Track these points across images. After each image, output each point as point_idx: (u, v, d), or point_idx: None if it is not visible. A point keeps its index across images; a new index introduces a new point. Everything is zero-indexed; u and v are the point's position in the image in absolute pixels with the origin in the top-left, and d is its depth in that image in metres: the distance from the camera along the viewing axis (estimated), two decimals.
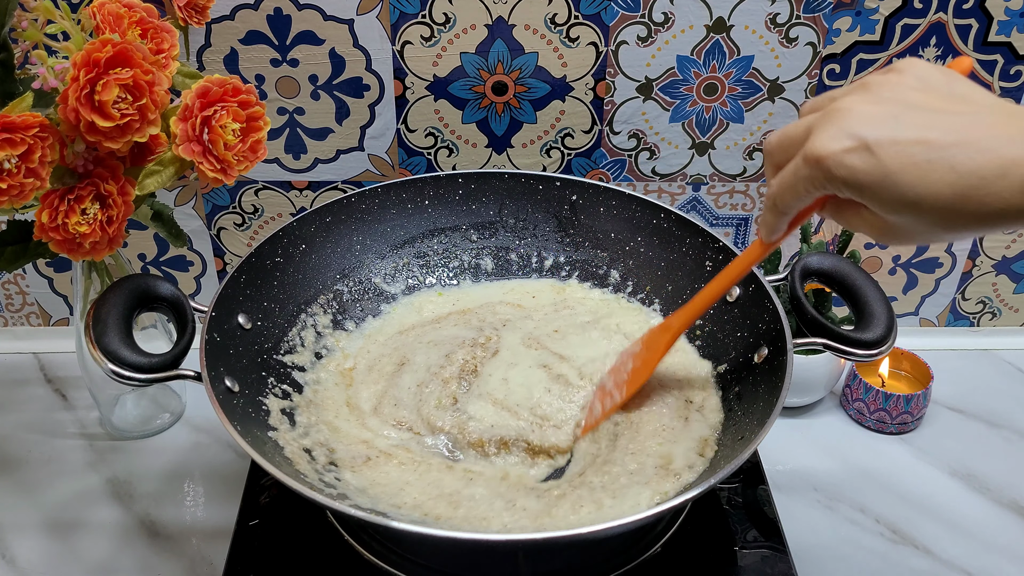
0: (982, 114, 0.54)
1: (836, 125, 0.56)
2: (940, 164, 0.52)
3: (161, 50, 0.80)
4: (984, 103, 0.55)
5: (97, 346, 0.77)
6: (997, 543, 0.95)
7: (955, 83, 0.57)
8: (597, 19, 1.01)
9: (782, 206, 0.62)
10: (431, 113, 1.07)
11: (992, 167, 0.51)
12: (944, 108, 0.55)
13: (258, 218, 1.14)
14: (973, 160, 0.52)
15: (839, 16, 1.01)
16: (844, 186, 0.56)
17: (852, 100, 0.57)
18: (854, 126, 0.55)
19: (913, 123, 0.54)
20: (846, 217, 0.62)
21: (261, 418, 0.83)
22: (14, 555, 0.93)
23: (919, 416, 1.07)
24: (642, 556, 0.85)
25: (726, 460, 0.75)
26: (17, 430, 1.08)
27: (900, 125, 0.54)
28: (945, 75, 0.57)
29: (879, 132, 0.54)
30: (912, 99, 0.56)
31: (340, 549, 0.86)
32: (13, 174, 0.72)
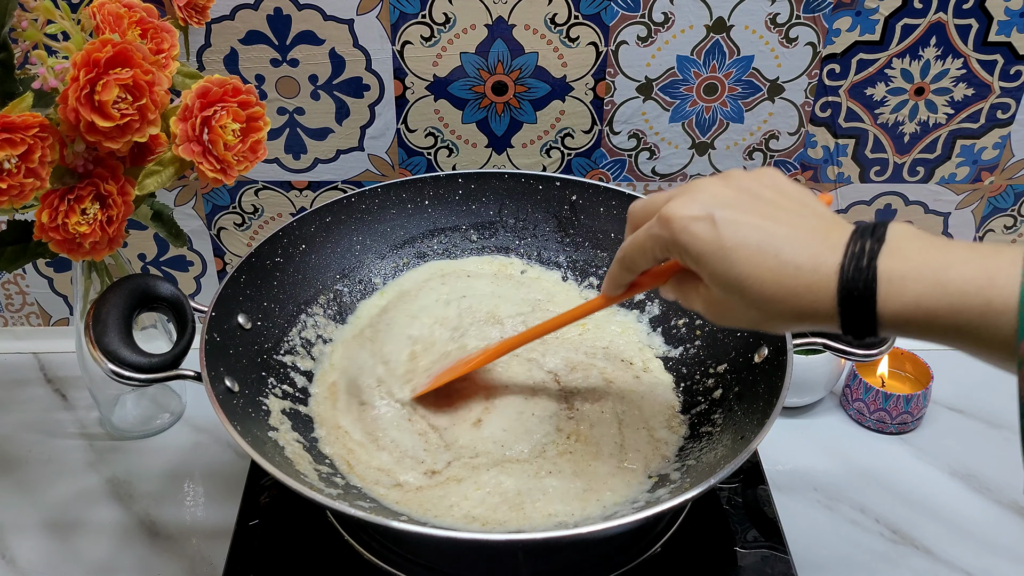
0: (814, 218, 0.59)
1: (691, 196, 0.61)
2: (768, 249, 0.57)
3: (161, 50, 0.80)
4: (821, 212, 0.60)
5: (97, 346, 0.77)
6: (997, 543, 0.95)
7: (805, 194, 0.62)
8: (597, 19, 1.01)
9: (628, 261, 0.67)
10: (431, 113, 1.07)
11: (809, 264, 0.56)
12: (787, 207, 0.60)
13: (258, 218, 1.14)
14: (795, 253, 0.56)
15: (839, 16, 1.01)
16: (684, 251, 0.60)
17: (711, 182, 0.62)
18: (707, 200, 0.60)
19: (756, 211, 0.59)
20: (684, 292, 0.67)
21: (261, 418, 0.83)
22: (14, 555, 0.93)
23: (919, 416, 1.07)
24: (642, 556, 0.85)
25: (726, 460, 0.75)
26: (17, 430, 1.08)
27: (744, 209, 0.59)
28: (799, 187, 0.62)
29: (725, 209, 0.59)
30: (763, 194, 0.61)
31: (340, 549, 0.86)
32: (13, 174, 0.72)
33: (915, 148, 1.09)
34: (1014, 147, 1.09)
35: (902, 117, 1.07)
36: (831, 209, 0.63)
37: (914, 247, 0.54)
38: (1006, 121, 1.08)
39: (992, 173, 1.11)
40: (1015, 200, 1.13)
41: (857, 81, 1.05)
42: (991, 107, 1.07)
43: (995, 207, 1.14)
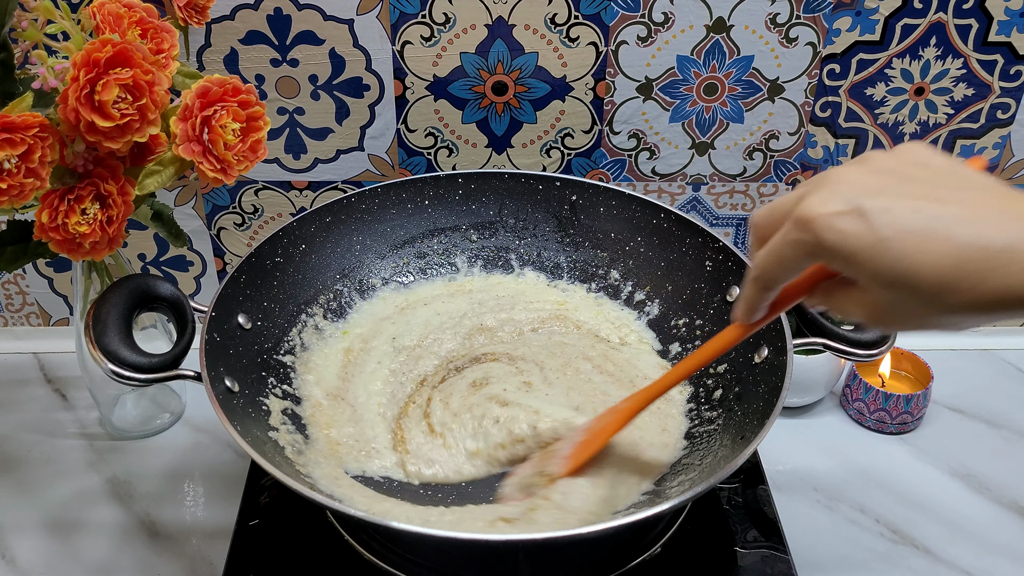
0: (984, 192, 0.51)
1: (829, 189, 0.53)
2: (939, 234, 0.49)
3: (161, 50, 0.80)
4: (985, 183, 0.52)
5: (97, 346, 0.77)
6: (997, 543, 0.95)
7: (958, 166, 0.54)
8: (597, 19, 1.01)
9: (767, 278, 0.58)
10: (431, 113, 1.07)
11: (998, 242, 0.48)
12: (944, 183, 0.52)
13: (258, 218, 1.14)
14: (977, 233, 0.49)
15: (839, 16, 1.01)
16: (833, 252, 0.52)
17: (847, 170, 0.54)
18: (848, 191, 0.52)
19: (911, 192, 0.51)
20: (836, 300, 0.58)
21: (261, 418, 0.83)
22: (14, 555, 0.93)
23: (919, 416, 1.07)
24: (642, 556, 0.85)
25: (726, 460, 0.75)
26: (17, 430, 1.08)
27: (896, 194, 0.51)
28: (948, 159, 0.54)
29: (874, 199, 0.51)
30: (911, 173, 0.53)
31: (340, 549, 0.86)
32: (13, 174, 0.72)
33: None
34: (1014, 147, 1.09)
35: (902, 117, 1.07)
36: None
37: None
38: (1006, 121, 1.08)
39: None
40: None
41: (857, 81, 1.05)
42: (991, 107, 1.07)
43: None
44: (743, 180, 1.12)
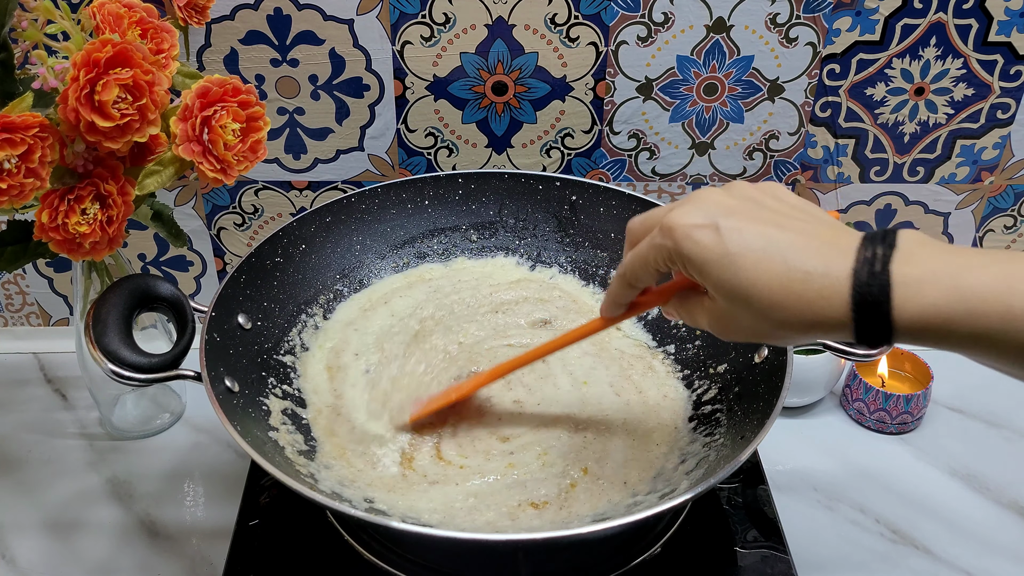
0: (821, 225, 0.58)
1: (694, 205, 0.60)
2: (775, 255, 0.56)
3: (161, 50, 0.80)
4: (827, 220, 0.59)
5: (97, 346, 0.77)
6: (997, 543, 0.95)
7: (809, 205, 0.61)
8: (597, 19, 1.01)
9: (630, 276, 0.66)
10: (431, 113, 1.07)
11: (820, 269, 0.55)
12: (791, 215, 0.59)
13: (258, 218, 1.14)
14: (803, 259, 0.55)
15: (839, 16, 1.01)
16: (687, 260, 0.59)
17: (714, 192, 0.61)
18: (710, 208, 0.59)
19: (760, 217, 0.58)
20: (690, 309, 0.66)
21: (261, 418, 0.82)
22: (14, 555, 0.93)
23: (919, 416, 1.07)
24: (642, 556, 0.85)
25: (726, 460, 0.75)
26: (17, 430, 1.08)
27: (748, 216, 0.58)
28: (802, 200, 0.61)
29: (729, 217, 0.58)
30: (766, 203, 0.60)
31: (340, 549, 0.86)
32: (13, 174, 0.71)
33: (915, 148, 1.09)
34: (1014, 147, 1.09)
35: (902, 117, 1.07)
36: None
37: (927, 252, 0.54)
38: (1006, 121, 1.08)
39: (992, 173, 1.11)
40: (1015, 200, 1.13)
41: (857, 81, 1.05)
42: (991, 107, 1.07)
43: (995, 207, 1.14)
44: (743, 180, 1.12)
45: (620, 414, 0.88)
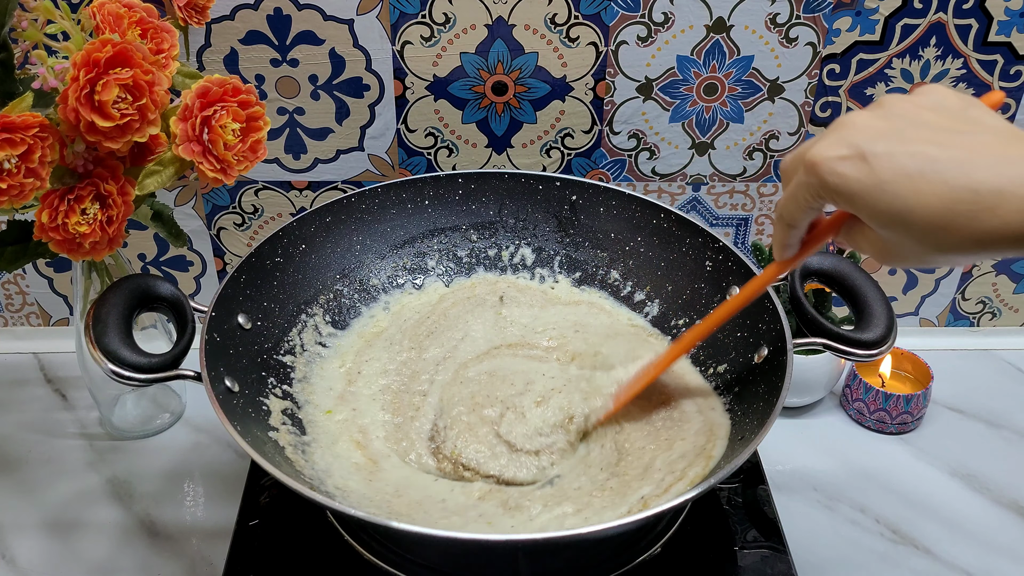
0: (987, 135, 0.54)
1: (837, 135, 0.56)
2: (933, 176, 0.52)
3: (161, 50, 0.80)
4: (993, 126, 0.55)
5: (97, 346, 0.77)
6: (997, 543, 0.95)
7: (971, 108, 0.56)
8: (597, 19, 1.01)
9: (787, 217, 0.63)
10: (431, 113, 1.07)
11: (988, 185, 0.51)
12: (950, 127, 0.54)
13: (258, 218, 1.14)
14: (968, 176, 0.51)
15: (839, 16, 1.01)
16: (836, 194, 0.56)
17: (861, 115, 0.57)
18: (854, 136, 0.55)
19: (913, 137, 0.54)
20: (854, 238, 0.62)
21: (261, 418, 0.82)
22: (14, 555, 0.93)
23: (919, 416, 1.07)
24: (642, 556, 0.85)
25: (726, 460, 0.75)
26: (17, 430, 1.08)
27: (900, 138, 0.54)
28: (963, 100, 0.57)
29: (877, 143, 0.54)
30: (920, 117, 0.56)
31: (340, 549, 0.86)
32: (13, 174, 0.71)
33: None
34: None
35: None
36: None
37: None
38: None
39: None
40: None
41: (857, 81, 1.05)
42: None
43: None
44: (743, 180, 1.12)
45: (620, 413, 0.88)
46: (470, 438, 0.86)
